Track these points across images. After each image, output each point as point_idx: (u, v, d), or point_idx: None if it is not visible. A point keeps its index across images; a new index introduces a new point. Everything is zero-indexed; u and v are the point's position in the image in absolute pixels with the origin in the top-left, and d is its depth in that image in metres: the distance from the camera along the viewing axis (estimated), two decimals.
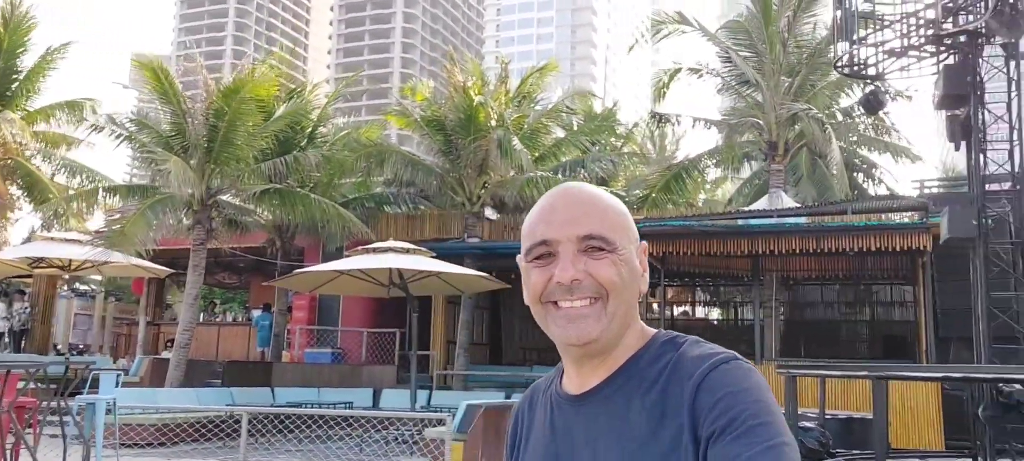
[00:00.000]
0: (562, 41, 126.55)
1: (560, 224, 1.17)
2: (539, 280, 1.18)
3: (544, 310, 1.19)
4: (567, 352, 1.21)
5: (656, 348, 1.18)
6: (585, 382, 1.21)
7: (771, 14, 18.33)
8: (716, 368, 1.08)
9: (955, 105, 9.00)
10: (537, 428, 1.28)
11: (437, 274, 14.09)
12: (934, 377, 8.71)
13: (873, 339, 23.03)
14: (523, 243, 1.23)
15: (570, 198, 1.20)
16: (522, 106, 19.93)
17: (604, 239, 1.16)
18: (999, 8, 7.79)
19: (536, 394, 1.34)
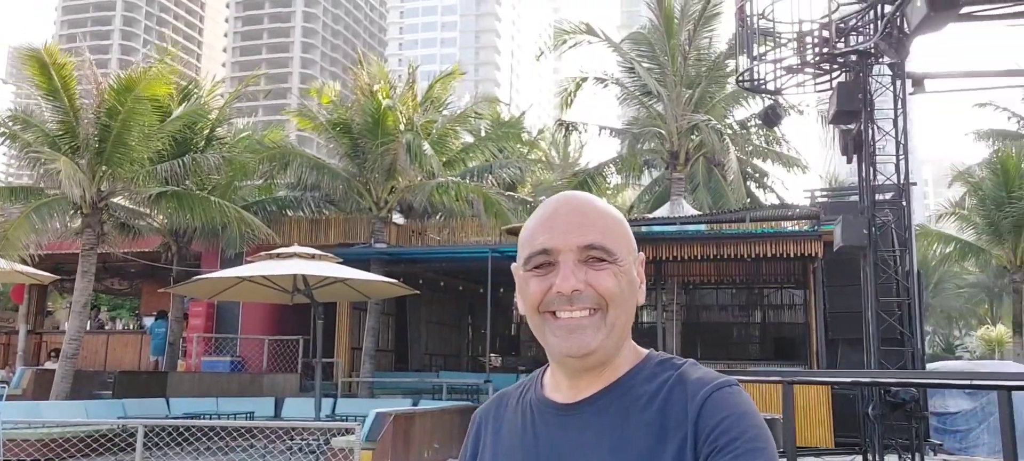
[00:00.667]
0: (466, 46, 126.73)
1: (561, 233, 1.16)
2: (538, 289, 1.17)
3: (542, 320, 1.17)
4: (563, 363, 1.19)
5: (652, 366, 1.19)
6: (577, 392, 1.19)
7: (673, 27, 18.91)
8: (720, 390, 1.10)
9: (847, 121, 9.53)
10: (511, 434, 1.25)
11: (343, 280, 13.85)
12: (843, 381, 9.17)
13: (765, 340, 23.98)
14: (521, 251, 1.21)
15: (571, 207, 1.19)
16: (429, 111, 19.86)
17: (605, 249, 1.15)
18: (887, 30, 8.29)
19: (505, 400, 1.33)
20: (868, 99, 9.40)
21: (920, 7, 7.18)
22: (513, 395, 1.32)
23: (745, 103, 21.10)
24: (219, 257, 19.72)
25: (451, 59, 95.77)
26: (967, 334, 52.89)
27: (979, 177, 26.70)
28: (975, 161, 30.48)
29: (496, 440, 1.28)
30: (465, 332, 27.54)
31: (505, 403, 1.32)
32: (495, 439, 1.28)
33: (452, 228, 20.05)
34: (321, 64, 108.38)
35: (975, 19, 8.28)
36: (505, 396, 1.34)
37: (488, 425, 1.33)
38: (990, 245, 25.92)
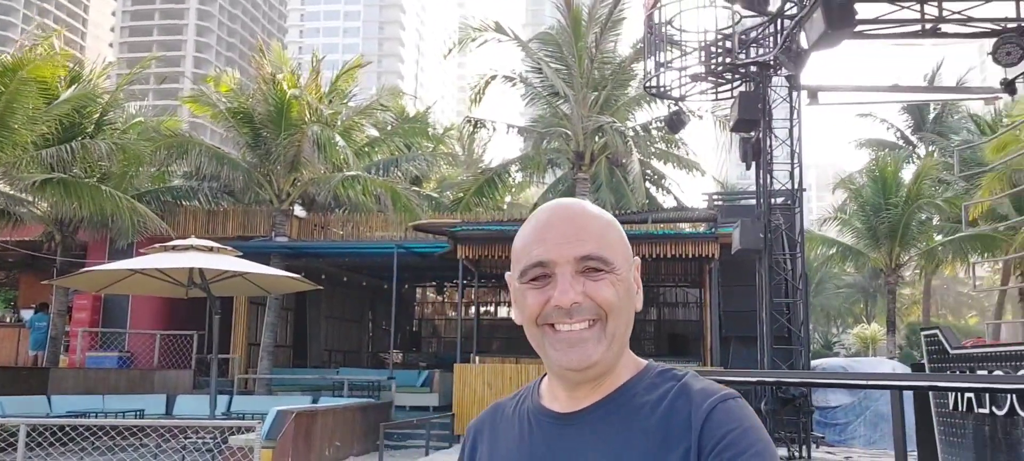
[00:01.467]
0: (369, 37, 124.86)
1: (557, 244, 1.13)
2: (536, 302, 1.14)
3: (540, 333, 1.15)
4: (563, 376, 1.17)
5: (652, 376, 1.17)
6: (576, 402, 1.17)
7: (580, 30, 19.22)
8: (724, 402, 1.09)
9: (747, 129, 9.95)
10: (508, 444, 1.24)
11: (243, 274, 13.45)
12: (767, 381, 9.53)
13: (660, 337, 24.72)
14: (515, 263, 1.18)
15: (566, 217, 1.16)
16: (335, 102, 19.50)
17: (603, 260, 1.13)
18: (787, 45, 8.71)
19: (500, 410, 1.31)
20: (767, 109, 9.85)
21: (818, 24, 7.58)
22: (508, 405, 1.30)
23: (647, 106, 21.66)
24: (107, 248, 18.80)
25: (354, 50, 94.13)
26: (844, 332, 55.85)
27: (860, 184, 28.31)
28: (855, 168, 32.29)
29: (492, 450, 1.26)
30: (366, 328, 27.23)
31: (501, 413, 1.30)
32: (491, 449, 1.27)
33: (356, 223, 19.77)
34: (217, 49, 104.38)
35: (866, 37, 8.80)
36: (500, 407, 1.33)
37: (484, 436, 1.30)
38: (868, 248, 27.52)
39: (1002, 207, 23.07)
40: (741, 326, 15.16)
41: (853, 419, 16.57)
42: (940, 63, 32.27)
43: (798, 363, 10.76)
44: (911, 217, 25.65)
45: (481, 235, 14.92)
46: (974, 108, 31.57)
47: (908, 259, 28.11)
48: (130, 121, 19.09)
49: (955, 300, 59.91)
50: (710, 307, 15.70)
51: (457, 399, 15.41)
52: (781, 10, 9.37)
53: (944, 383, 6.40)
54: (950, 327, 9.34)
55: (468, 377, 15.45)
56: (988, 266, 40.87)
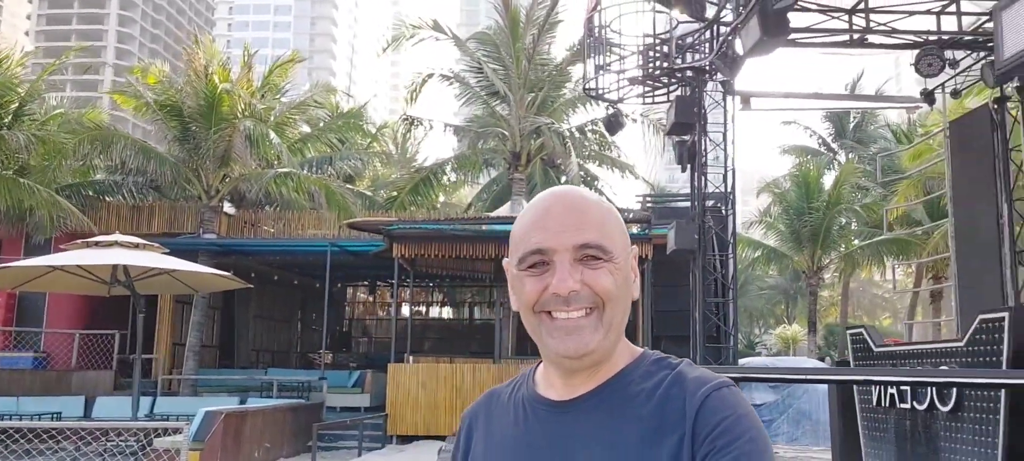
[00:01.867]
0: (301, 32, 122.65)
1: (556, 232, 1.13)
2: (533, 290, 1.14)
3: (538, 320, 1.15)
4: (560, 364, 1.17)
5: (648, 364, 1.18)
6: (572, 390, 1.17)
7: (518, 31, 19.29)
8: (718, 390, 1.10)
9: (683, 132, 10.17)
10: (503, 431, 1.24)
11: (169, 272, 13.05)
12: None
13: None
14: (513, 250, 1.18)
15: (566, 204, 1.16)
16: (267, 97, 19.10)
17: (601, 248, 1.13)
18: (723, 51, 8.94)
19: (496, 398, 1.31)
20: (702, 113, 10.09)
21: (754, 31, 7.80)
22: (504, 392, 1.30)
23: (582, 109, 21.87)
24: (24, 243, 18.01)
25: (284, 45, 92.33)
26: (766, 332, 57.42)
27: (784, 188, 29.21)
28: (778, 174, 33.31)
29: (488, 437, 1.26)
30: (295, 328, 26.76)
31: (496, 401, 1.30)
32: (487, 436, 1.27)
33: (288, 220, 19.41)
34: (140, 40, 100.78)
35: (798, 45, 9.10)
36: (495, 394, 1.32)
37: (479, 423, 1.30)
38: (792, 251, 28.41)
39: (916, 212, 24.10)
40: (672, 325, 15.47)
41: (776, 416, 17.07)
42: (860, 73, 33.62)
43: (727, 361, 11.05)
44: (832, 221, 26.60)
45: (417, 234, 14.84)
46: (891, 117, 32.97)
47: (829, 262, 29.12)
48: (50, 113, 18.34)
49: (870, 301, 62.36)
50: (642, 308, 15.97)
51: (390, 399, 15.29)
52: (717, 17, 9.60)
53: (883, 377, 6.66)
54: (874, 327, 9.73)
55: (402, 377, 15.35)
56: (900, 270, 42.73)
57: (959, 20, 9.11)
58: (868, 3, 9.02)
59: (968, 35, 9.29)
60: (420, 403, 15.07)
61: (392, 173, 29.95)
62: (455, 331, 28.51)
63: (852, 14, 9.12)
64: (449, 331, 28.68)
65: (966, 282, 9.86)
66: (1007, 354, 5.61)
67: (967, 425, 6.07)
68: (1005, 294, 9.19)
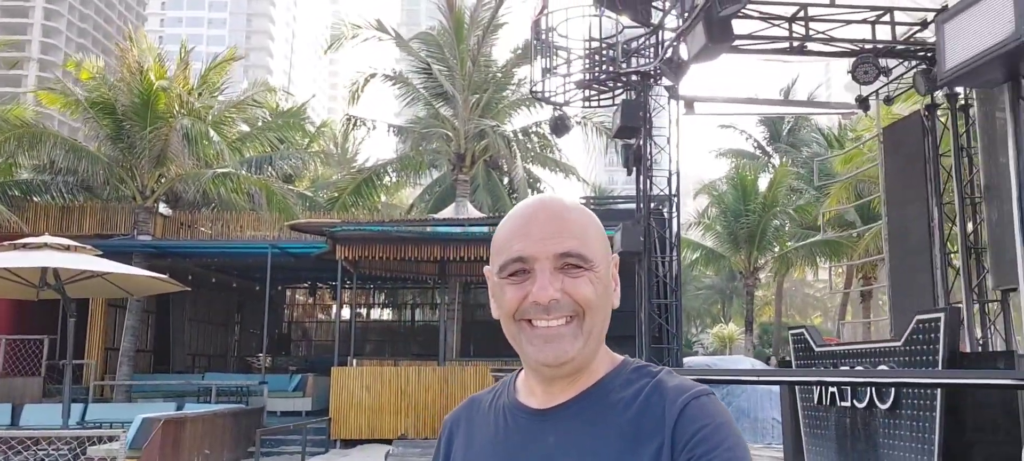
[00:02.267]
0: (236, 29, 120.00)
1: (537, 240, 1.13)
2: (514, 297, 1.14)
3: (517, 328, 1.15)
4: (539, 371, 1.17)
5: (628, 372, 1.19)
6: (552, 398, 1.17)
7: (462, 32, 19.25)
8: (697, 399, 1.10)
9: (628, 136, 10.29)
10: (483, 439, 1.24)
11: (102, 275, 12.64)
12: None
13: None
14: (494, 258, 1.18)
15: (547, 213, 1.16)
16: (204, 96, 18.65)
17: (582, 257, 1.13)
18: (669, 57, 9.08)
19: (476, 405, 1.31)
20: (648, 118, 10.23)
21: (699, 37, 7.94)
22: (485, 400, 1.30)
23: (525, 111, 21.96)
24: None
25: (219, 42, 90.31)
26: (702, 331, 58.53)
27: (721, 191, 29.84)
28: (715, 176, 33.99)
29: (468, 445, 1.26)
30: (232, 331, 26.21)
31: (477, 407, 1.30)
32: (467, 443, 1.27)
33: (226, 221, 18.98)
34: (67, 34, 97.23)
35: (740, 51, 9.31)
36: (476, 401, 1.32)
37: (459, 430, 1.30)
38: (729, 252, 29.03)
39: (849, 214, 24.88)
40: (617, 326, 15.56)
41: None
42: (795, 79, 34.49)
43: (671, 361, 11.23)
44: (768, 223, 27.28)
45: (361, 235, 14.69)
46: (822, 122, 33.95)
47: (764, 262, 29.85)
48: None
49: (802, 301, 64.15)
50: None
51: (334, 403, 15.09)
52: (662, 23, 9.75)
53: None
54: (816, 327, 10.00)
55: (346, 380, 15.16)
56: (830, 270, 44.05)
57: (893, 30, 9.44)
58: (808, 12, 9.27)
59: (900, 44, 9.63)
60: (364, 406, 14.92)
61: (332, 173, 29.58)
62: (397, 333, 28.32)
63: (792, 22, 9.37)
64: (391, 333, 28.48)
65: (898, 282, 10.22)
66: (943, 354, 5.84)
67: (905, 422, 6.30)
68: (935, 294, 9.55)
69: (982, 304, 9.24)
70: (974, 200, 9.48)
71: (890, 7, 9.34)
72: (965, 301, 9.19)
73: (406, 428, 14.77)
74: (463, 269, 17.44)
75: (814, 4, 9.22)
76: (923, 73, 9.47)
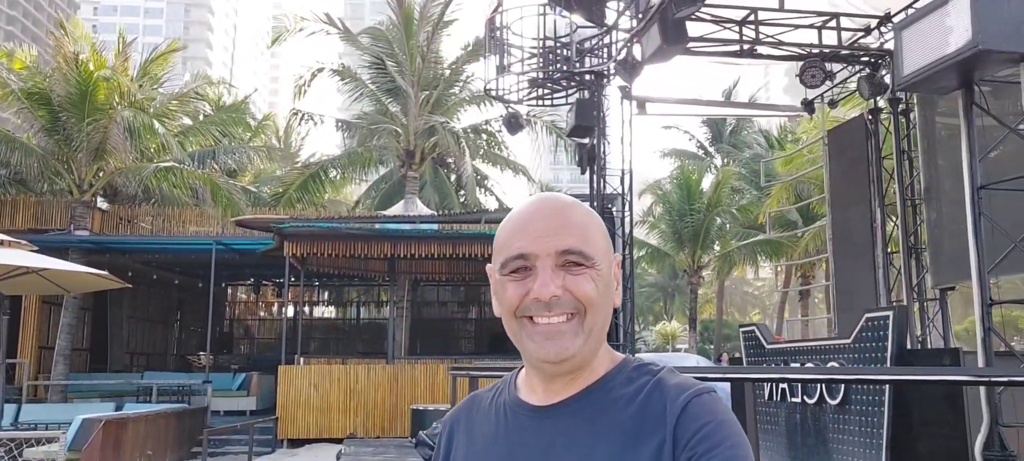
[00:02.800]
0: (174, 20, 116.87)
1: (538, 237, 1.13)
2: (515, 294, 1.14)
3: (519, 325, 1.15)
4: (540, 368, 1.17)
5: (629, 371, 1.18)
6: (552, 395, 1.18)
7: (412, 28, 19.11)
8: (699, 397, 1.11)
9: (583, 135, 10.37)
10: (483, 437, 1.24)
11: (38, 271, 12.19)
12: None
13: (480, 336, 25.12)
14: (496, 255, 1.18)
15: (549, 210, 1.16)
16: (145, 88, 18.13)
17: (583, 254, 1.13)
18: (625, 58, 9.18)
19: (477, 403, 1.31)
20: (601, 117, 10.33)
21: (654, 39, 8.05)
22: (486, 398, 1.30)
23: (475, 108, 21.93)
24: None
25: (156, 32, 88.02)
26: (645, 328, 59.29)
27: (666, 190, 30.28)
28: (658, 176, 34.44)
29: (469, 442, 1.27)
30: (172, 329, 25.58)
31: (478, 405, 1.30)
32: (468, 441, 1.27)
33: (167, 216, 18.49)
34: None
35: (693, 53, 9.47)
36: (477, 398, 1.32)
37: (460, 428, 1.30)
38: (674, 251, 29.49)
39: (790, 215, 25.51)
40: None
41: None
42: (736, 82, 35.16)
43: None
44: (711, 222, 27.79)
45: (310, 232, 14.48)
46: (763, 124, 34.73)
47: (708, 261, 30.40)
48: None
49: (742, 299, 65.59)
50: None
51: (281, 402, 14.85)
52: (616, 23, 9.84)
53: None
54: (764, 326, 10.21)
55: (294, 379, 14.93)
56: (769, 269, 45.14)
57: (839, 35, 9.71)
58: (758, 16, 9.47)
59: (845, 50, 9.91)
60: (312, 405, 14.73)
61: (275, 169, 29.10)
62: (342, 331, 28.02)
63: (742, 26, 9.55)
64: (336, 331, 28.17)
65: (842, 281, 10.53)
66: (891, 350, 6.03)
67: (854, 417, 6.49)
68: (878, 293, 9.87)
69: (921, 302, 9.58)
70: (914, 202, 9.81)
71: (836, 13, 9.60)
72: (906, 299, 9.52)
73: (355, 427, 14.62)
74: (412, 266, 17.35)
75: (764, 8, 9.42)
76: (867, 78, 9.76)
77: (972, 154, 4.96)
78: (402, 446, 11.04)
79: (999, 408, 5.09)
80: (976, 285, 4.97)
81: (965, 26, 4.34)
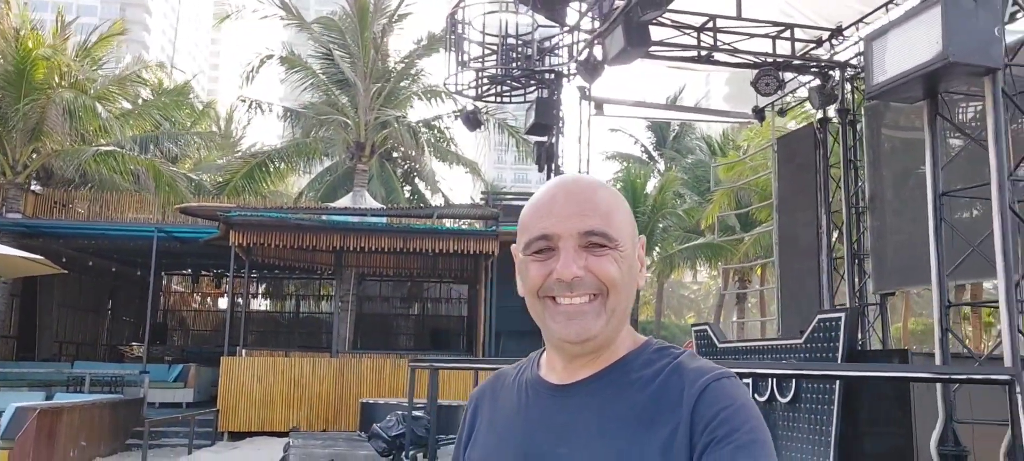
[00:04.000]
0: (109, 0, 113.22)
1: (561, 218, 1.14)
2: (538, 274, 1.15)
3: (541, 305, 1.16)
4: (561, 348, 1.18)
5: (649, 353, 1.19)
6: (573, 374, 1.19)
7: (367, 19, 18.91)
8: (718, 381, 1.11)
9: (541, 133, 10.44)
10: (505, 413, 1.26)
11: None
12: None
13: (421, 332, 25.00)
14: (520, 235, 1.19)
15: (572, 191, 1.17)
16: (85, 69, 17.53)
17: (606, 235, 1.14)
18: (587, 59, 9.27)
19: (501, 380, 1.32)
20: (560, 116, 10.42)
21: (618, 40, 8.15)
22: (510, 375, 1.31)
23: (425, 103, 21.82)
24: None
25: (91, 12, 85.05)
26: None
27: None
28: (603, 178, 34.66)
29: (492, 418, 1.28)
30: (104, 318, 24.78)
31: (502, 383, 1.31)
32: (491, 417, 1.28)
33: (105, 201, 17.90)
34: None
35: (654, 57, 9.63)
36: (502, 376, 1.33)
37: (484, 404, 1.31)
38: None
39: (730, 220, 26.09)
40: (515, 322, 15.85)
41: None
42: (681, 88, 35.82)
43: None
44: (655, 225, 28.24)
45: (258, 222, 14.22)
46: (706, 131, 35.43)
47: (651, 263, 30.87)
48: None
49: (678, 301, 66.70)
50: (486, 303, 16.22)
51: (223, 394, 14.54)
52: (579, 24, 9.94)
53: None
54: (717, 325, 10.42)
55: (236, 371, 14.64)
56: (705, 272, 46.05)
57: (793, 46, 9.99)
58: (716, 23, 9.68)
59: (798, 60, 10.20)
60: (255, 398, 14.47)
61: (216, 156, 28.44)
62: (280, 324, 27.57)
63: (701, 32, 9.75)
64: (274, 324, 27.70)
65: (788, 285, 10.84)
66: (842, 350, 6.25)
67: (803, 415, 6.70)
68: (821, 297, 10.20)
69: (862, 307, 9.92)
70: (859, 210, 10.16)
71: (790, 24, 9.88)
72: (848, 303, 9.85)
73: (298, 421, 14.42)
74: (359, 260, 17.18)
75: (722, 16, 9.63)
76: (818, 89, 10.07)
77: (935, 162, 5.17)
78: (351, 439, 10.94)
79: (954, 405, 5.33)
80: (936, 288, 5.18)
81: (936, 39, 4.54)
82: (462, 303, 23.62)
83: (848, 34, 9.83)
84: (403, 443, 8.01)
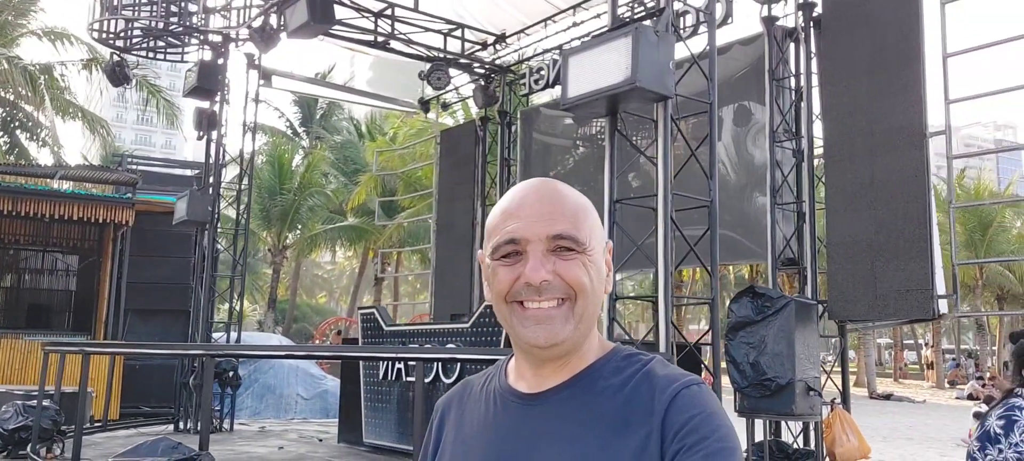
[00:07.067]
0: None
1: (530, 222, 1.13)
2: (506, 279, 1.13)
3: (510, 310, 1.14)
4: (529, 353, 1.17)
5: (618, 360, 1.19)
6: (541, 382, 1.18)
7: None
8: (688, 388, 1.11)
9: (203, 97, 9.67)
10: (473, 423, 1.23)
11: None
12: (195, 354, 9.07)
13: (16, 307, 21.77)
14: (487, 239, 1.18)
15: (540, 195, 1.16)
16: None
17: (575, 239, 1.13)
18: (262, 26, 8.79)
19: (468, 389, 1.28)
20: (225, 81, 9.76)
21: (301, 13, 7.88)
22: (477, 384, 1.27)
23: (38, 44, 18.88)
24: None
25: None
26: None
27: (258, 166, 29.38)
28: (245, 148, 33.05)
29: (459, 428, 1.25)
30: None
31: (469, 392, 1.27)
32: (458, 427, 1.25)
33: None
34: None
35: (333, 36, 9.47)
36: (469, 384, 1.29)
37: (451, 413, 1.27)
38: (260, 228, 28.77)
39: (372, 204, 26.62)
40: (149, 298, 14.52)
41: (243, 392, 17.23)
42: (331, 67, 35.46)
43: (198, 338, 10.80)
44: (301, 203, 27.74)
45: None
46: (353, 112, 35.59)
47: (293, 241, 30.26)
48: None
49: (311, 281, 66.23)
50: (112, 277, 14.61)
51: None
52: None
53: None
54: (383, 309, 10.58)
55: None
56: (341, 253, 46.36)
57: (463, 45, 10.53)
58: (394, 12, 9.84)
59: (465, 59, 10.79)
60: None
61: None
62: None
63: (379, 18, 9.84)
64: None
65: (442, 269, 11.42)
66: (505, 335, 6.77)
67: None
68: (472, 283, 10.91)
69: None
70: None
71: (462, 24, 10.40)
72: None
73: None
74: None
75: (400, 5, 9.82)
76: (482, 89, 10.74)
77: (612, 171, 5.83)
78: None
79: None
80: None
81: (625, 65, 5.13)
82: (70, 276, 20.92)
83: (510, 41, 10.63)
84: (26, 437, 6.94)
